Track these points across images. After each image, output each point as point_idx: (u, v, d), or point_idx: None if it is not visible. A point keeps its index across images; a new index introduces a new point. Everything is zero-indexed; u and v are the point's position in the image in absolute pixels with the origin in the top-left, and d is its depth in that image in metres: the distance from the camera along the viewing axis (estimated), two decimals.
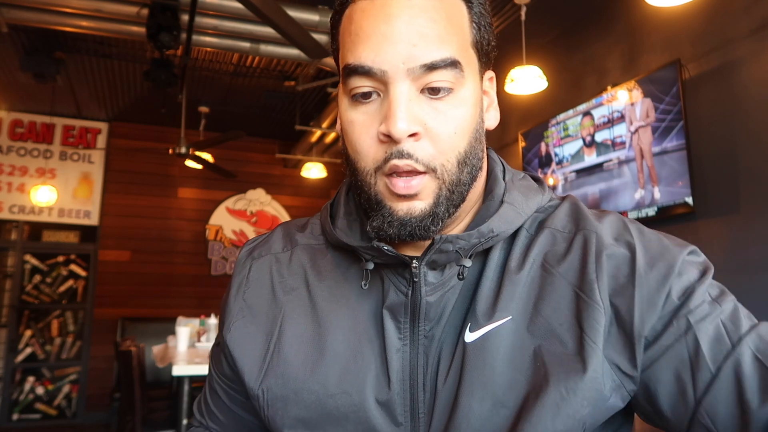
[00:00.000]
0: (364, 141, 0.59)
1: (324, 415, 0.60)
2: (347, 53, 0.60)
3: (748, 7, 2.93)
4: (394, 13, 0.57)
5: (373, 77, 0.58)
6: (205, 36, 4.03)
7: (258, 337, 0.67)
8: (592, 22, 4.00)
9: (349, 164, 0.63)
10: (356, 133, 0.60)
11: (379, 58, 0.57)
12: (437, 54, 0.57)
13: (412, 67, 0.56)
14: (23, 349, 5.93)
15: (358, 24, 0.59)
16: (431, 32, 0.57)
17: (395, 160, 0.57)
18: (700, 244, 3.37)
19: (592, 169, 3.81)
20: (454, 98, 0.59)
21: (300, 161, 6.48)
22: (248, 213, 6.92)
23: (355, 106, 0.60)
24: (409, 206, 0.58)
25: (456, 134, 0.59)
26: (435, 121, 0.58)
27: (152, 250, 6.41)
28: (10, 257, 6.02)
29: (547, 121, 4.26)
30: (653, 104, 3.32)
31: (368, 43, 0.57)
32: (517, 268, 0.62)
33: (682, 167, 3.15)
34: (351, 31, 0.60)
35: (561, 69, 4.23)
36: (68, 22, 3.83)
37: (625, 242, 0.63)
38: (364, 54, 0.58)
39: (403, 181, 0.58)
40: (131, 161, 6.37)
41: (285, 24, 2.73)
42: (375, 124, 0.59)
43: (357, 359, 0.61)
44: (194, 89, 5.41)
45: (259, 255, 0.74)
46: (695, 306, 0.58)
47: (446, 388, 0.59)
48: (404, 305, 0.62)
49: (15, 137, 6.09)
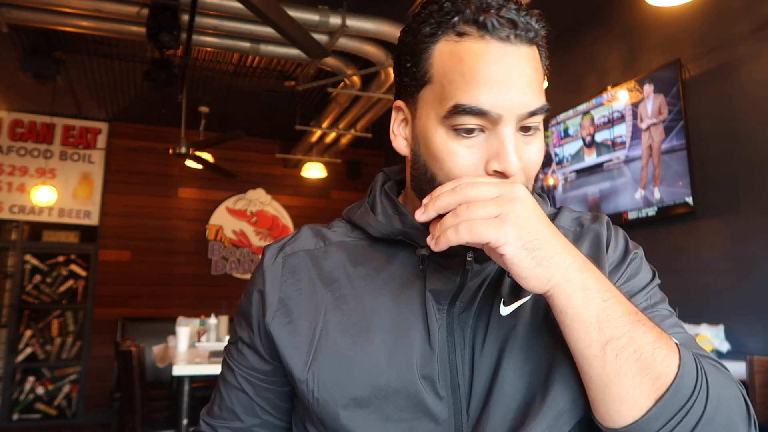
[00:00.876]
0: (464, 168, 0.65)
1: (376, 391, 0.64)
2: (458, 93, 0.64)
3: (749, 7, 2.93)
4: (509, 61, 0.63)
5: (486, 118, 0.63)
6: (206, 36, 4.03)
7: (303, 324, 0.69)
8: (592, 22, 4.00)
9: (433, 183, 0.67)
10: (458, 163, 0.65)
11: (496, 103, 0.62)
12: (539, 101, 0.64)
13: (522, 113, 0.63)
14: (23, 349, 5.93)
15: (473, 66, 0.63)
16: (534, 80, 0.64)
17: None
18: (700, 244, 3.37)
19: (593, 169, 3.82)
20: (539, 136, 0.68)
21: (300, 161, 6.48)
22: (248, 213, 6.92)
23: (457, 139, 0.65)
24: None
25: (537, 164, 0.68)
26: (527, 155, 0.66)
27: (152, 250, 6.42)
28: (11, 257, 6.02)
29: (547, 121, 4.26)
30: (665, 101, 3.31)
31: (486, 87, 0.62)
32: None
33: (683, 167, 3.15)
34: (464, 71, 0.64)
35: (561, 69, 4.23)
36: (68, 22, 3.83)
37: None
38: (483, 97, 0.62)
39: None
40: (131, 161, 6.37)
41: (285, 24, 2.73)
42: (479, 155, 0.65)
43: (404, 338, 0.66)
44: (194, 89, 5.41)
45: (292, 251, 0.76)
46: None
47: (484, 357, 0.65)
48: (449, 291, 0.67)
49: (15, 137, 6.09)
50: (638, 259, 0.75)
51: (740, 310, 2.88)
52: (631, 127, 3.51)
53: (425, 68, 0.68)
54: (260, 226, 6.92)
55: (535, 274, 0.55)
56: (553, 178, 4.20)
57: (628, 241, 0.77)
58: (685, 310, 3.12)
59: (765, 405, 2.25)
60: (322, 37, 3.82)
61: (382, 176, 0.82)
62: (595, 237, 0.74)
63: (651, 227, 3.42)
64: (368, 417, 0.64)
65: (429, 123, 0.67)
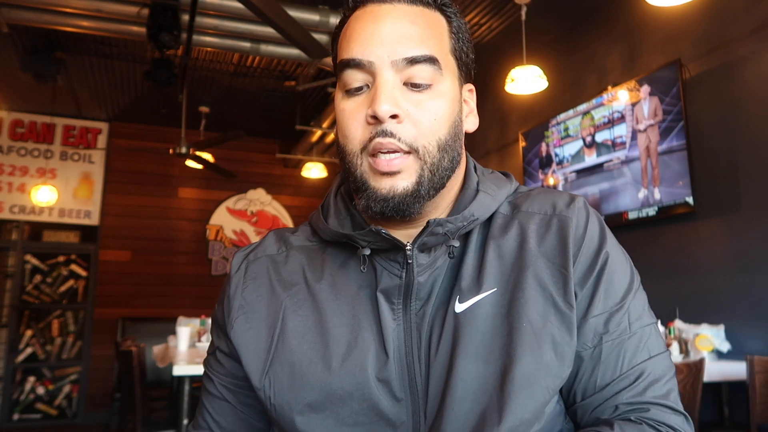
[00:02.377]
0: (353, 125, 0.67)
1: (330, 396, 0.63)
2: (342, 52, 0.70)
3: (749, 7, 2.93)
4: (381, 17, 0.68)
5: (363, 69, 0.67)
6: (206, 36, 4.03)
7: (261, 330, 0.69)
8: (592, 22, 4.00)
9: (339, 152, 0.70)
10: (346, 119, 0.68)
11: (367, 51, 0.66)
12: (417, 51, 0.66)
13: (396, 60, 0.65)
14: (24, 349, 5.94)
15: (352, 28, 0.69)
16: (413, 33, 0.67)
17: (379, 138, 0.64)
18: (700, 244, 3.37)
19: (593, 170, 3.82)
20: (432, 92, 0.67)
21: (300, 161, 6.49)
22: (249, 213, 6.92)
23: (347, 98, 0.69)
24: (392, 184, 0.65)
25: (435, 121, 0.66)
26: (416, 109, 0.66)
27: (153, 250, 6.42)
28: (11, 257, 6.02)
29: (547, 121, 4.26)
30: (660, 102, 3.32)
31: (359, 40, 0.67)
32: (498, 246, 0.69)
33: (683, 167, 3.15)
34: (346, 35, 0.70)
35: (561, 69, 4.23)
36: (69, 22, 3.83)
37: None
38: (355, 49, 0.67)
39: (386, 160, 0.65)
40: (132, 161, 6.37)
41: (285, 24, 2.73)
42: (363, 110, 0.67)
43: (357, 341, 0.65)
44: (195, 89, 5.41)
45: (255, 257, 0.76)
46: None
47: (439, 356, 0.63)
48: (398, 287, 0.66)
49: (15, 137, 6.09)
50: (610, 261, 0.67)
51: (740, 310, 2.88)
52: (631, 127, 3.51)
53: (335, 52, 0.74)
54: (261, 226, 6.92)
55: None
56: (553, 178, 4.20)
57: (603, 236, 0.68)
58: (685, 310, 3.12)
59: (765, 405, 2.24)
60: (323, 37, 3.82)
61: (339, 178, 0.81)
62: (563, 228, 0.68)
63: (651, 227, 3.42)
64: (323, 422, 0.64)
65: (336, 95, 0.72)
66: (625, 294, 0.66)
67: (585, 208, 0.70)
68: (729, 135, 3.00)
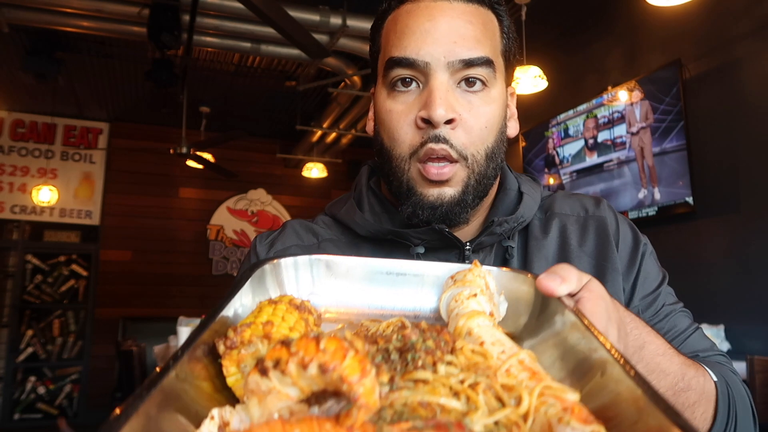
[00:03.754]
0: (401, 128, 0.65)
1: None
2: (392, 48, 0.67)
3: (749, 7, 2.93)
4: (437, 14, 0.65)
5: (416, 68, 0.64)
6: (206, 36, 4.04)
7: None
8: (592, 22, 4.00)
9: (383, 154, 0.68)
10: (394, 121, 0.66)
11: (423, 51, 0.64)
12: (474, 52, 0.64)
13: (452, 61, 0.63)
14: (25, 349, 5.94)
15: (404, 23, 0.66)
16: (469, 33, 0.65)
17: (432, 144, 0.63)
18: (700, 243, 3.36)
19: (593, 170, 3.82)
20: (486, 95, 0.66)
21: (301, 161, 6.49)
22: (249, 213, 6.93)
23: (393, 96, 0.66)
24: (440, 192, 0.64)
25: (486, 128, 0.65)
26: (469, 113, 0.64)
27: (153, 249, 6.42)
28: (12, 257, 6.03)
29: (547, 121, 4.26)
30: (651, 105, 3.32)
31: (413, 38, 0.64)
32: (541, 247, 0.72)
33: (683, 167, 3.15)
34: (396, 30, 0.67)
35: (561, 69, 4.23)
36: (69, 22, 3.84)
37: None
38: (410, 47, 0.64)
39: (436, 168, 0.64)
40: (132, 161, 6.38)
41: (286, 24, 2.73)
42: (413, 111, 0.64)
43: None
44: (195, 89, 5.41)
45: (283, 245, 0.75)
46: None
47: None
48: None
49: (16, 137, 6.10)
50: (648, 254, 0.75)
51: (740, 310, 2.88)
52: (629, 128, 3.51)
53: (377, 44, 0.72)
54: (261, 226, 6.92)
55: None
56: (553, 178, 4.20)
57: (636, 231, 0.76)
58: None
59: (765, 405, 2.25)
60: (323, 38, 3.82)
61: (367, 170, 0.80)
62: (601, 227, 0.74)
63: (651, 227, 3.42)
64: None
65: (378, 91, 0.70)
66: (660, 282, 0.75)
67: (611, 208, 0.78)
68: (729, 135, 3.00)
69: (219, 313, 0.48)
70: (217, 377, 0.44)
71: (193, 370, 0.41)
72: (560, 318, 0.51)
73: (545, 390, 0.38)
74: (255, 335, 0.45)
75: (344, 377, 0.33)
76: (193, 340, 0.42)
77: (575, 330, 0.47)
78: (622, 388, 0.38)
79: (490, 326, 0.50)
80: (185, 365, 0.39)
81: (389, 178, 0.68)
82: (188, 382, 0.39)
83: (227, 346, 0.44)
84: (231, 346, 0.44)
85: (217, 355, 0.44)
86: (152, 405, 0.31)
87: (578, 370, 0.44)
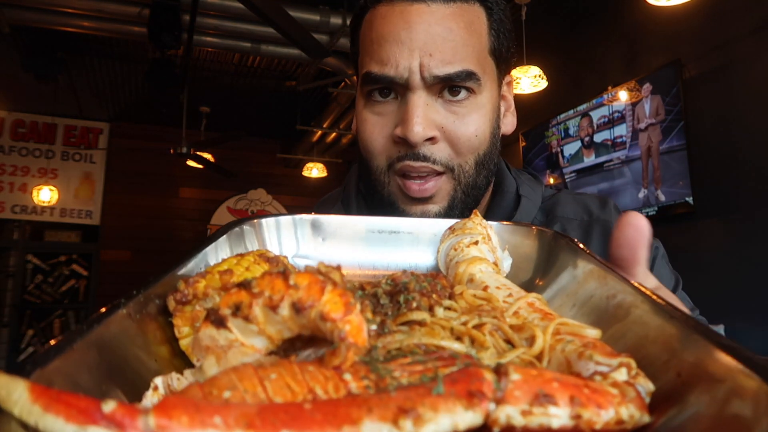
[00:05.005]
0: (376, 140, 0.61)
1: None
2: (368, 59, 0.62)
3: (749, 6, 2.93)
4: (414, 20, 0.58)
5: (392, 83, 0.60)
6: (207, 36, 4.04)
7: None
8: (592, 22, 4.00)
9: (362, 162, 0.65)
10: (368, 132, 0.62)
11: (399, 66, 0.58)
12: (452, 67, 0.58)
13: (427, 77, 0.58)
14: (25, 349, 5.94)
15: (379, 30, 0.61)
16: (447, 44, 0.58)
17: (410, 161, 0.59)
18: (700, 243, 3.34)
19: (592, 170, 3.82)
20: (472, 103, 0.60)
21: (301, 161, 6.49)
22: (249, 213, 6.93)
23: (370, 106, 0.62)
24: (423, 210, 0.60)
25: (477, 137, 0.60)
26: (453, 125, 0.59)
27: (154, 249, 6.42)
28: (12, 257, 6.03)
29: (547, 121, 4.27)
30: (662, 100, 3.30)
31: (389, 50, 0.59)
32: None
33: (683, 167, 3.16)
34: (372, 37, 0.62)
35: (561, 69, 4.23)
36: (70, 22, 3.84)
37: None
38: (385, 61, 0.59)
39: (417, 184, 0.59)
40: (133, 161, 6.38)
41: (286, 24, 2.73)
42: (389, 125, 0.60)
43: None
44: (195, 89, 5.41)
45: None
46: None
47: None
48: None
49: (17, 137, 6.10)
50: (660, 258, 0.69)
51: (740, 310, 2.88)
52: (631, 127, 3.51)
53: (356, 45, 0.67)
54: None
55: None
56: (552, 178, 4.20)
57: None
58: None
59: None
60: (323, 38, 3.82)
61: (355, 172, 0.76)
62: (606, 232, 0.68)
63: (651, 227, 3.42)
64: None
65: (358, 95, 0.66)
66: (674, 287, 0.71)
67: (617, 209, 0.72)
68: (729, 135, 3.00)
69: (176, 270, 0.40)
70: (174, 339, 0.37)
71: (144, 330, 0.34)
72: (572, 270, 0.47)
73: (561, 327, 0.34)
74: (211, 287, 0.38)
75: (325, 314, 0.27)
76: (138, 293, 0.36)
77: (592, 279, 0.44)
78: (650, 329, 0.34)
79: (493, 272, 0.46)
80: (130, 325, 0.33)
81: (372, 190, 0.65)
82: (137, 345, 0.34)
83: (178, 300, 0.37)
84: (182, 300, 0.37)
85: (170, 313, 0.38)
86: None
87: (598, 320, 0.41)
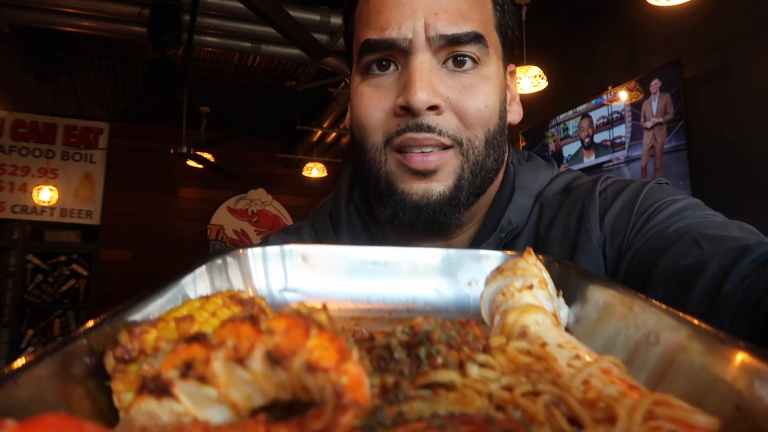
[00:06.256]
0: (373, 113, 0.55)
1: None
2: (365, 29, 0.56)
3: (749, 6, 2.93)
4: None
5: (393, 48, 0.54)
6: (207, 36, 4.04)
7: None
8: (592, 22, 4.01)
9: (356, 149, 0.58)
10: (363, 105, 0.55)
11: (401, 27, 0.53)
12: (459, 27, 0.53)
13: (433, 36, 0.53)
14: (25, 349, 5.94)
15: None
16: (453, 4, 0.53)
17: (411, 132, 0.52)
18: None
19: (592, 170, 3.82)
20: (480, 73, 0.55)
21: (301, 161, 6.49)
22: (249, 213, 6.93)
23: (367, 80, 0.56)
24: (426, 188, 0.53)
25: (487, 108, 0.54)
26: (460, 94, 0.53)
27: (154, 249, 6.43)
28: (12, 257, 6.03)
29: (547, 121, 4.27)
30: (672, 98, 3.28)
31: (388, 13, 0.54)
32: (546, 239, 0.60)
33: (683, 167, 3.16)
34: (370, 6, 0.56)
35: (561, 69, 4.23)
36: (70, 22, 3.84)
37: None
38: (385, 24, 0.54)
39: (420, 155, 0.52)
40: (133, 161, 6.38)
41: (286, 24, 2.73)
42: (390, 97, 0.54)
43: None
44: (195, 89, 5.42)
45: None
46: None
47: None
48: None
49: (17, 137, 6.10)
50: (653, 209, 0.57)
51: None
52: (631, 127, 3.51)
53: (351, 26, 0.62)
54: (261, 226, 6.92)
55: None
56: None
57: (637, 195, 0.58)
58: None
59: None
60: (323, 37, 3.82)
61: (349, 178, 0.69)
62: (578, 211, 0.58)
63: None
64: None
65: (353, 77, 0.60)
66: (671, 214, 0.63)
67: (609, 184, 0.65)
68: (729, 135, 3.00)
69: (132, 310, 0.30)
70: (112, 410, 0.28)
71: (69, 398, 0.26)
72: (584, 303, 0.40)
73: (656, 409, 0.24)
74: (164, 338, 0.28)
75: (313, 363, 0.20)
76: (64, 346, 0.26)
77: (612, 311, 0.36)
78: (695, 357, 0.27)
79: (552, 325, 0.36)
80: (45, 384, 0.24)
81: (366, 177, 0.57)
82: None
83: (118, 357, 0.28)
84: (124, 357, 0.28)
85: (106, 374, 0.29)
86: None
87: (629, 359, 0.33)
